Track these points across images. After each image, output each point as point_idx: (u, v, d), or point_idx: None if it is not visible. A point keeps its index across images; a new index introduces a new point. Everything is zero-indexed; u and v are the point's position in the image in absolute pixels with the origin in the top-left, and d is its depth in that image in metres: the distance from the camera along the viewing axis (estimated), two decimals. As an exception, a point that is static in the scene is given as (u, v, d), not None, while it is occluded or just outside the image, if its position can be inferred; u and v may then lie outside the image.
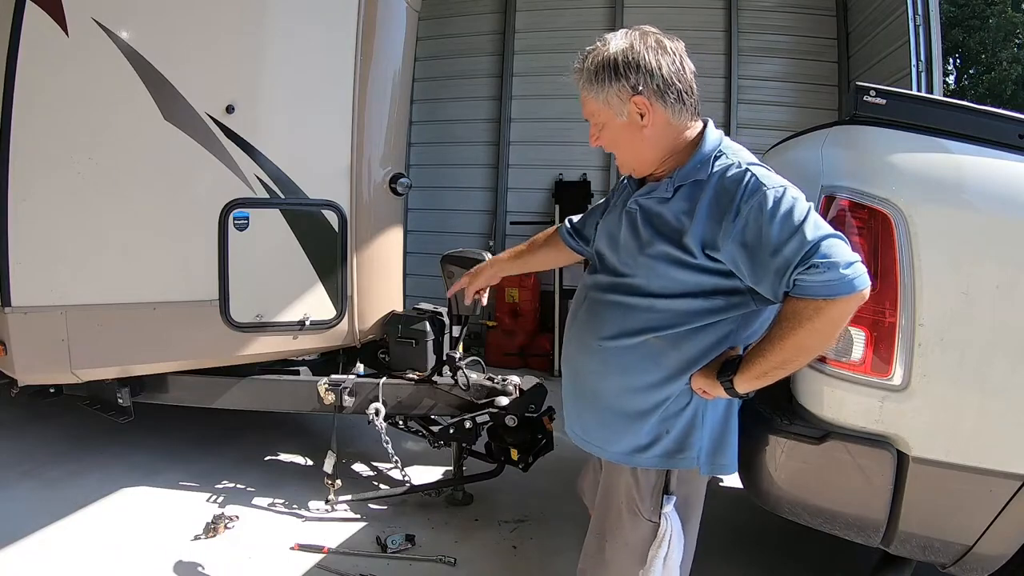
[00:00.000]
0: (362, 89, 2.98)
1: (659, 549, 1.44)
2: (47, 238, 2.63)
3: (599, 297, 1.47)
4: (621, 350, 1.41)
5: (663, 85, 1.34)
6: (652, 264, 1.37)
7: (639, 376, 1.41)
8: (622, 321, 1.41)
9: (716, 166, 1.34)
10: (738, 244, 1.27)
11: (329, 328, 3.00)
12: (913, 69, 4.20)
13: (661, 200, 1.38)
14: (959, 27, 15.24)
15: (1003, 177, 1.48)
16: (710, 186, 1.33)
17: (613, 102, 1.35)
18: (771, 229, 1.23)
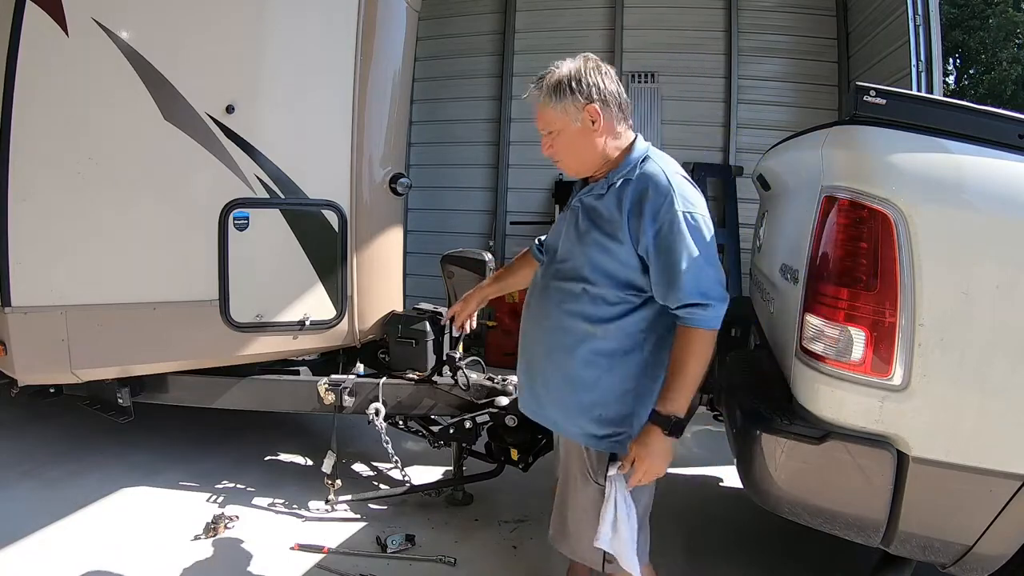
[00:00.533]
0: (362, 89, 2.98)
1: (606, 512, 1.58)
2: (47, 238, 2.63)
3: (546, 284, 1.72)
4: (562, 333, 1.65)
5: (608, 97, 1.61)
6: (587, 251, 1.62)
7: (579, 358, 1.63)
8: (561, 304, 1.65)
9: (642, 169, 1.60)
10: (652, 243, 1.54)
11: (329, 328, 3.00)
12: (913, 69, 4.20)
13: (598, 196, 1.64)
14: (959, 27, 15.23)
15: (1003, 177, 1.48)
16: (636, 186, 1.58)
17: (570, 110, 1.60)
18: (675, 250, 1.51)
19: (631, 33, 5.82)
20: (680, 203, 1.53)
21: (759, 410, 1.69)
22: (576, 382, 1.64)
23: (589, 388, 1.64)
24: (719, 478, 3.35)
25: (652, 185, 1.55)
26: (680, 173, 1.61)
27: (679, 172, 1.62)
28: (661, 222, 1.52)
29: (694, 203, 1.56)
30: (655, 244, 1.53)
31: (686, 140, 5.74)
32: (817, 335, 1.57)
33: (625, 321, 1.61)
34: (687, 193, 1.56)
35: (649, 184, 1.55)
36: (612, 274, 1.59)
